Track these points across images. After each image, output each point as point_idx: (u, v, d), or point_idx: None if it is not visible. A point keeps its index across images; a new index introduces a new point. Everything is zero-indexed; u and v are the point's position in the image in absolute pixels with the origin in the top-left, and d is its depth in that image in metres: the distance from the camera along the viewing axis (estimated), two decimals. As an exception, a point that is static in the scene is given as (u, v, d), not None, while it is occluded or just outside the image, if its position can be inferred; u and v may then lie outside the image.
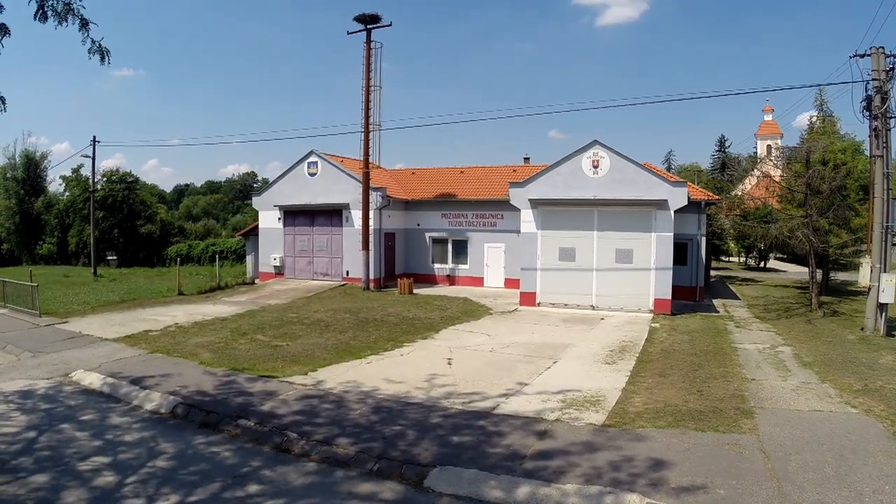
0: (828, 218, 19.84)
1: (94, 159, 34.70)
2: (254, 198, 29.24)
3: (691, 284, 22.08)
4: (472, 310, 19.18)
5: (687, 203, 18.64)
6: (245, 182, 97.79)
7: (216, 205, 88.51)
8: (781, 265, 45.98)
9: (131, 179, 47.35)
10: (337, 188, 25.57)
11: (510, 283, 24.35)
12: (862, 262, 16.16)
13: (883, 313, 14.93)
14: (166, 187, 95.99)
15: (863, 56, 15.08)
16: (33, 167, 48.10)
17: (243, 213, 69.05)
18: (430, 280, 26.66)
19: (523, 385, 10.06)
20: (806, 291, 22.40)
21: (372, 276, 24.14)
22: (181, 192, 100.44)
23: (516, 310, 19.40)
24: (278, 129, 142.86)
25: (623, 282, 19.04)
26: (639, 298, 18.85)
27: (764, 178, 23.55)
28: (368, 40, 23.43)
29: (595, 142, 19.40)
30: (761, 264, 45.15)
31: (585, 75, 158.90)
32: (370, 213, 24.01)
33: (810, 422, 8.05)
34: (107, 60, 7.25)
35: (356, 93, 28.79)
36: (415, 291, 23.15)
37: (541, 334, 15.11)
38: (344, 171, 25.63)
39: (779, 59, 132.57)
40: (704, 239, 22.57)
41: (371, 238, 24.01)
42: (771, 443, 7.21)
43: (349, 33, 23.66)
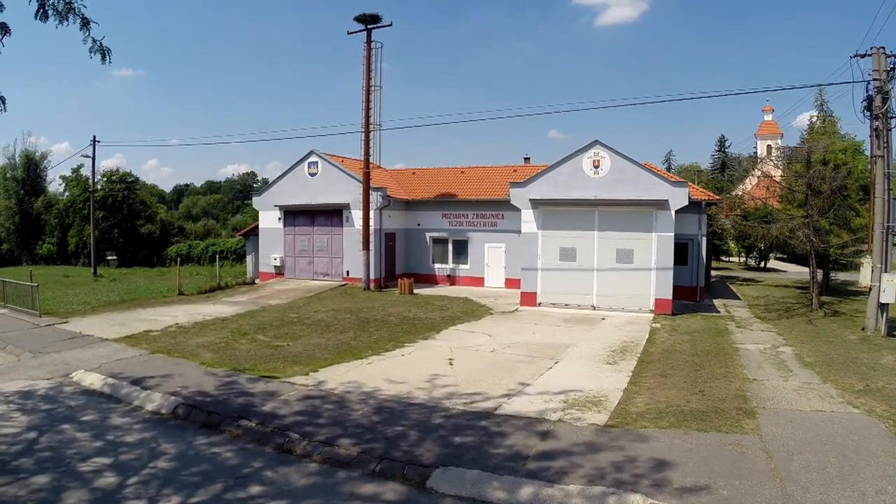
0: (828, 218, 19.89)
1: (94, 159, 34.73)
2: (254, 198, 29.23)
3: (692, 284, 22.08)
4: (473, 310, 19.17)
5: (688, 203, 18.65)
6: (245, 182, 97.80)
7: (216, 205, 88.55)
8: (781, 265, 45.99)
9: (131, 179, 47.35)
10: (337, 188, 25.56)
11: (511, 283, 24.34)
12: (863, 262, 16.14)
13: (884, 313, 14.93)
14: (166, 187, 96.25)
15: (863, 56, 15.11)
16: (33, 167, 48.08)
17: (243, 213, 69.04)
18: (430, 280, 26.65)
19: (525, 385, 10.05)
20: (806, 291, 22.41)
21: (372, 276, 24.13)
22: (181, 192, 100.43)
23: (517, 310, 19.39)
24: (278, 129, 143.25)
25: (624, 282, 19.03)
26: (639, 298, 18.85)
27: (764, 178, 23.59)
28: (369, 40, 23.43)
29: (596, 142, 19.40)
30: (761, 264, 45.16)
31: (585, 75, 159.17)
32: (370, 213, 24.01)
33: (812, 422, 8.04)
34: (108, 59, 7.21)
35: (356, 93, 28.81)
36: (415, 291, 23.14)
37: (542, 334, 15.10)
38: (344, 171, 25.62)
39: (779, 59, 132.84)
40: (705, 239, 22.58)
41: (371, 238, 24.01)
42: (773, 443, 7.20)
43: (349, 33, 23.68)
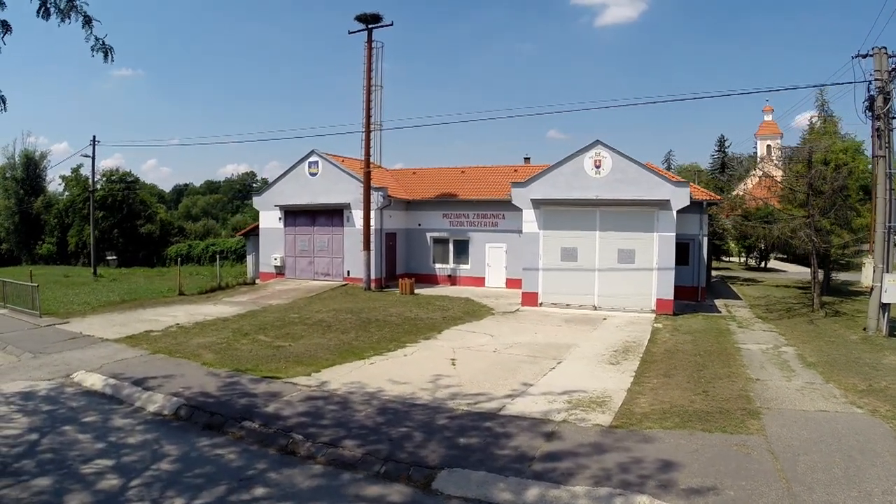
0: (829, 218, 19.88)
1: (94, 159, 34.65)
2: (254, 197, 29.19)
3: (693, 284, 22.06)
4: (475, 310, 19.14)
5: (689, 203, 18.64)
6: (244, 182, 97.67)
7: (215, 205, 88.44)
8: (782, 265, 45.97)
9: (131, 179, 47.30)
10: (338, 188, 25.52)
11: (512, 283, 24.31)
12: (864, 262, 16.12)
13: (885, 313, 14.91)
14: (165, 187, 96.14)
15: (865, 56, 15.08)
16: (33, 167, 47.99)
17: (243, 213, 68.90)
18: (431, 280, 26.61)
19: (528, 386, 10.02)
20: (807, 292, 22.41)
21: (373, 276, 24.10)
22: (180, 191, 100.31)
23: (518, 310, 19.37)
24: (278, 129, 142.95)
25: (625, 282, 19.01)
26: (641, 298, 18.83)
27: (765, 179, 23.58)
28: (370, 40, 23.39)
29: (597, 142, 19.38)
30: (762, 264, 45.15)
31: (585, 75, 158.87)
32: (371, 213, 23.97)
33: (817, 422, 8.03)
34: (110, 58, 7.17)
35: (356, 93, 28.80)
36: (416, 291, 23.10)
37: (544, 334, 15.08)
38: (345, 171, 25.59)
39: (779, 59, 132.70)
40: (706, 239, 22.57)
41: (372, 238, 23.97)
42: (779, 443, 7.18)
43: (350, 33, 23.66)
